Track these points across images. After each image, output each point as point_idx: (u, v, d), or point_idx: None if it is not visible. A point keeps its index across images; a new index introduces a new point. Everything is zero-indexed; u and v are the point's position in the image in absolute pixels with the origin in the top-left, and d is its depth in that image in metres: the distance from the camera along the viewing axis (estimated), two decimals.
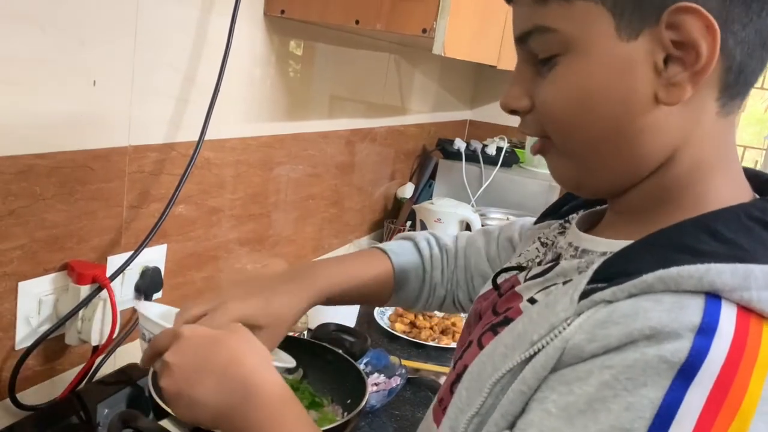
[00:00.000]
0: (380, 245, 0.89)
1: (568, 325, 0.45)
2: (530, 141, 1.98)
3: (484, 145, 2.03)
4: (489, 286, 0.69)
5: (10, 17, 0.76)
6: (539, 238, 0.69)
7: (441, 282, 0.89)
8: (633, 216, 0.55)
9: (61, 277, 0.91)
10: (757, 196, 0.54)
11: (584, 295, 0.46)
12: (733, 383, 0.40)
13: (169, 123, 1.04)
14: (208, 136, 1.04)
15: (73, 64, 0.85)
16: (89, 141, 0.90)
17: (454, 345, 1.37)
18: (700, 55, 0.46)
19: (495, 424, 0.48)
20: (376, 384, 1.14)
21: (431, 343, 1.38)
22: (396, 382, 1.15)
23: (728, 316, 0.42)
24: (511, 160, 2.06)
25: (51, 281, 0.89)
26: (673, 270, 0.42)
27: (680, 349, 0.40)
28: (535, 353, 0.46)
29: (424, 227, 1.78)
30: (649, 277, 0.43)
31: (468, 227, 1.75)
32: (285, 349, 0.81)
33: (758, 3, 0.46)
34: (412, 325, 1.44)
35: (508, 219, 1.73)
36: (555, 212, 0.72)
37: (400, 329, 1.42)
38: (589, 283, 0.46)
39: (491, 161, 1.99)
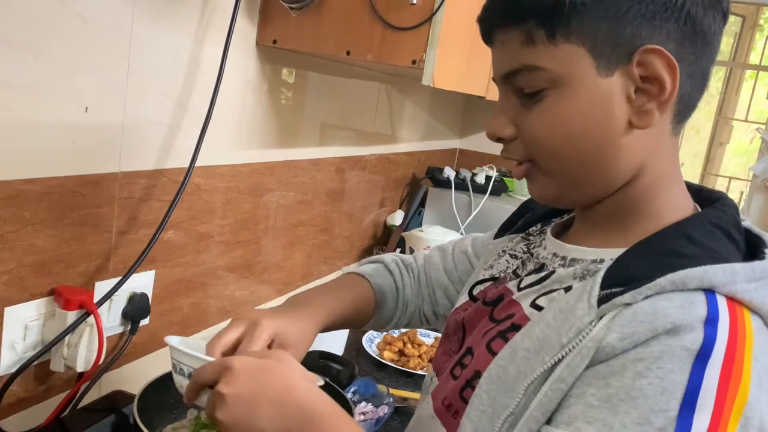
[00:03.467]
0: (355, 270, 0.95)
1: (593, 327, 0.53)
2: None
3: (474, 174, 2.05)
4: (465, 298, 0.77)
5: (2, 43, 0.77)
6: (506, 252, 0.77)
7: (411, 299, 0.96)
8: (605, 224, 0.64)
9: (48, 302, 0.90)
10: (696, 204, 0.64)
11: (602, 299, 0.53)
12: (735, 360, 0.50)
13: (160, 149, 1.05)
14: (198, 163, 1.05)
15: (66, 90, 0.86)
16: (80, 167, 0.91)
17: None
18: (664, 87, 0.56)
19: (535, 420, 0.54)
20: (363, 413, 1.13)
21: (419, 372, 1.37)
22: (384, 411, 1.14)
23: (723, 307, 0.52)
24: (500, 188, 2.08)
25: (37, 306, 0.89)
26: (681, 273, 0.52)
27: (696, 338, 0.50)
28: (566, 354, 0.54)
29: None
30: (661, 281, 0.52)
31: None
32: None
33: (700, 45, 0.57)
34: (401, 353, 1.44)
35: None
36: (511, 227, 0.82)
37: (388, 357, 1.41)
38: (601, 288, 0.54)
39: (480, 189, 2.01)
